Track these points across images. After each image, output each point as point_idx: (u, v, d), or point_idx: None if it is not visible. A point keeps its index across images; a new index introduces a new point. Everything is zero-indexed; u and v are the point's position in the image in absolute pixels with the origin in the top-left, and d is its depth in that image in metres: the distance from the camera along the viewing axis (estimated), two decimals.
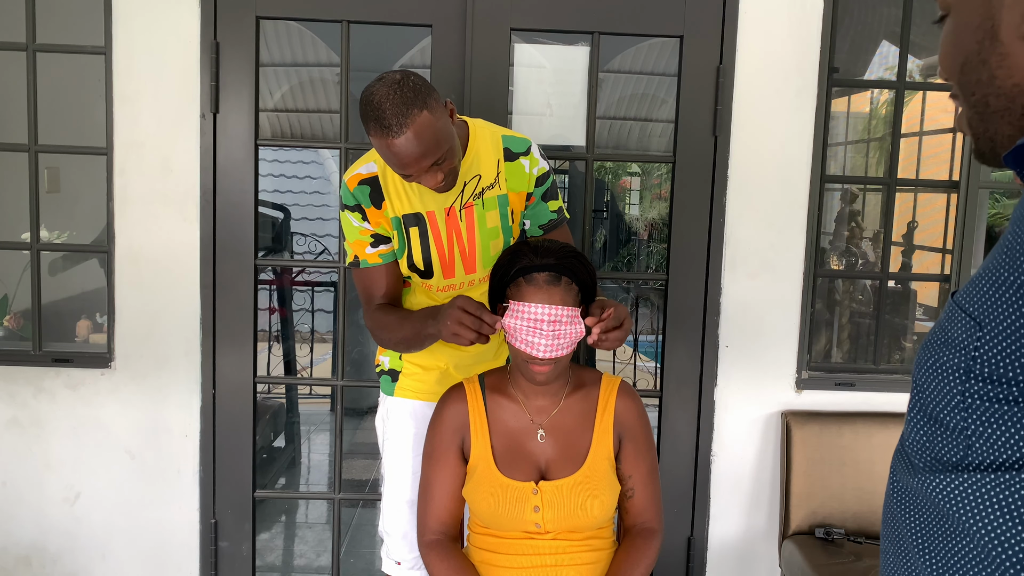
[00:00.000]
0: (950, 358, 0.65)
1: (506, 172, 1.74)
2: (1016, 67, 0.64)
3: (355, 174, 1.73)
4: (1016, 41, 0.64)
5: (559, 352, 1.53)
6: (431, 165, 1.53)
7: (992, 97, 0.66)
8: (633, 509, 1.68)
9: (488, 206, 1.74)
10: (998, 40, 0.65)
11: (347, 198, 1.74)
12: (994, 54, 0.65)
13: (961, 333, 0.64)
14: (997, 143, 0.68)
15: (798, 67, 2.34)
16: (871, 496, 2.36)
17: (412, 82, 1.49)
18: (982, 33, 0.66)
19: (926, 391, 0.68)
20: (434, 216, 1.73)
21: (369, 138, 1.53)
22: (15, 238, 2.48)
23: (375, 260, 1.78)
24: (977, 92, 0.68)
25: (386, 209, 1.73)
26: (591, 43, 2.34)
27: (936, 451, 0.67)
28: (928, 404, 0.67)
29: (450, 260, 1.76)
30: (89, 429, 2.39)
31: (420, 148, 1.49)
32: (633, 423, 1.66)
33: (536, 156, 1.77)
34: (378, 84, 1.50)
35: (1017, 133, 0.66)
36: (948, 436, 0.65)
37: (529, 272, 1.55)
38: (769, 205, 2.38)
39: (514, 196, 1.76)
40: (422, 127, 1.48)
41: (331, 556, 2.52)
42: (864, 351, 2.88)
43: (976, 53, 0.67)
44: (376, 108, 1.47)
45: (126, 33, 2.28)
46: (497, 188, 1.74)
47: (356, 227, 1.75)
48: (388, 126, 1.46)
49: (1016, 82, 0.64)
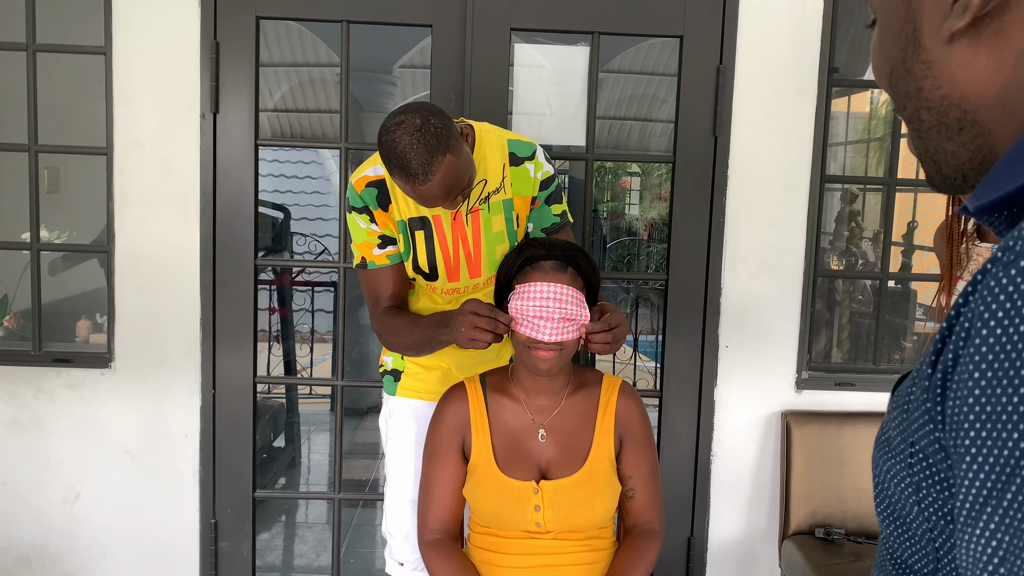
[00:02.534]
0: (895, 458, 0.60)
1: (511, 177, 1.74)
2: (942, 76, 0.57)
3: (362, 176, 1.72)
4: (939, 47, 0.56)
5: (564, 336, 1.53)
6: (453, 198, 1.56)
7: (923, 111, 0.59)
8: (634, 510, 1.68)
9: (494, 211, 1.74)
10: (920, 46, 0.58)
11: (354, 200, 1.73)
12: (918, 62, 0.58)
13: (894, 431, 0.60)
14: (940, 163, 0.60)
15: (798, 67, 2.34)
16: (871, 496, 2.35)
17: (433, 126, 1.47)
18: (904, 39, 0.59)
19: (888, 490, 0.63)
20: (440, 220, 1.73)
21: (392, 177, 1.54)
22: (15, 238, 2.48)
23: (383, 261, 1.77)
24: (908, 106, 0.60)
25: (393, 212, 1.73)
26: (591, 43, 2.34)
27: (908, 561, 0.62)
28: (893, 505, 0.62)
29: (455, 263, 1.76)
30: (89, 429, 2.39)
31: (445, 189, 1.51)
32: (634, 424, 1.66)
33: (541, 160, 1.77)
34: (399, 131, 1.47)
35: (960, 149, 0.58)
36: (917, 544, 0.60)
37: (537, 260, 1.56)
38: (769, 205, 2.38)
39: (519, 200, 1.77)
40: (447, 171, 1.49)
41: (331, 556, 2.52)
42: (864, 351, 2.88)
43: (901, 62, 0.60)
44: (400, 157, 1.46)
45: (126, 33, 2.28)
46: (502, 193, 1.74)
47: (363, 228, 1.75)
48: (415, 175, 1.47)
49: (944, 93, 0.57)
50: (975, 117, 0.56)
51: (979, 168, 0.58)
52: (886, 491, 0.62)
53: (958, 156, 0.58)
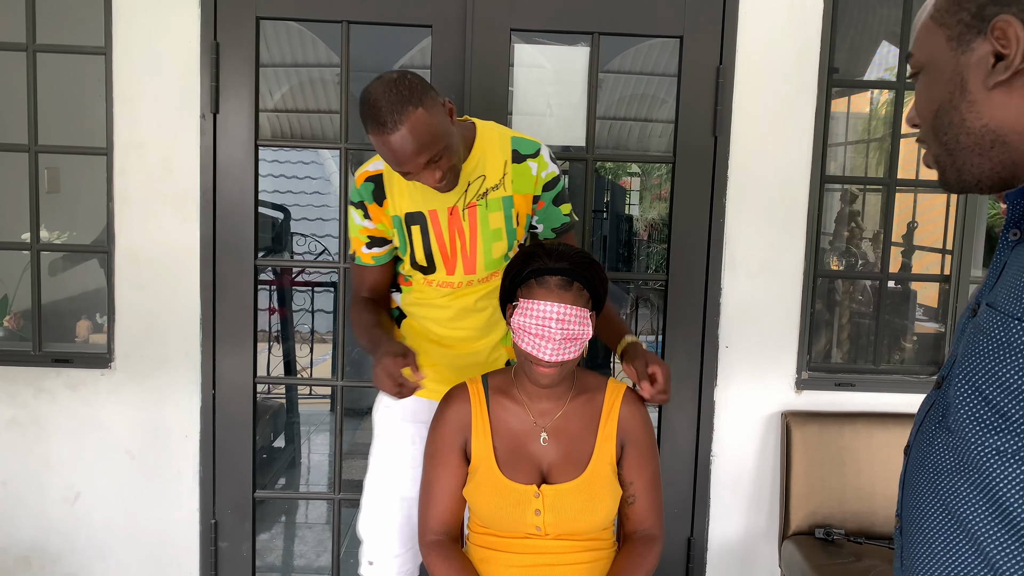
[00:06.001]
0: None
1: (512, 174, 1.75)
2: (984, 111, 0.82)
3: (364, 171, 1.77)
4: (983, 91, 0.81)
5: (565, 356, 1.53)
6: (427, 162, 1.55)
7: (963, 135, 0.83)
8: (634, 516, 1.67)
9: (492, 207, 1.75)
10: (967, 91, 0.82)
11: (354, 194, 1.79)
12: (964, 102, 0.83)
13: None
14: (964, 172, 0.85)
15: (798, 67, 2.34)
16: (871, 496, 2.36)
17: (409, 80, 1.52)
18: (953, 86, 0.83)
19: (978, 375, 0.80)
20: (436, 215, 1.74)
21: (368, 137, 1.55)
22: (15, 238, 2.48)
23: (367, 260, 1.85)
24: (949, 133, 0.84)
25: (387, 207, 1.76)
26: (591, 43, 2.34)
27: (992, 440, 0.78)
28: (984, 389, 0.79)
29: (452, 257, 1.78)
30: (89, 429, 2.39)
31: (415, 144, 1.51)
32: (637, 430, 1.66)
33: (546, 159, 1.79)
34: (375, 83, 1.53)
35: (986, 162, 0.83)
36: (1006, 426, 0.76)
37: (542, 274, 1.54)
38: (769, 205, 2.38)
39: (519, 198, 1.77)
40: (417, 123, 1.50)
41: (331, 556, 2.52)
42: (864, 351, 2.88)
43: (948, 101, 0.84)
44: (372, 106, 1.50)
45: (126, 33, 2.28)
46: (502, 189, 1.75)
47: (357, 224, 1.81)
48: (383, 123, 1.49)
49: (984, 123, 0.82)
50: (1005, 139, 0.81)
51: (992, 178, 0.84)
52: (979, 389, 0.79)
53: (982, 167, 0.83)
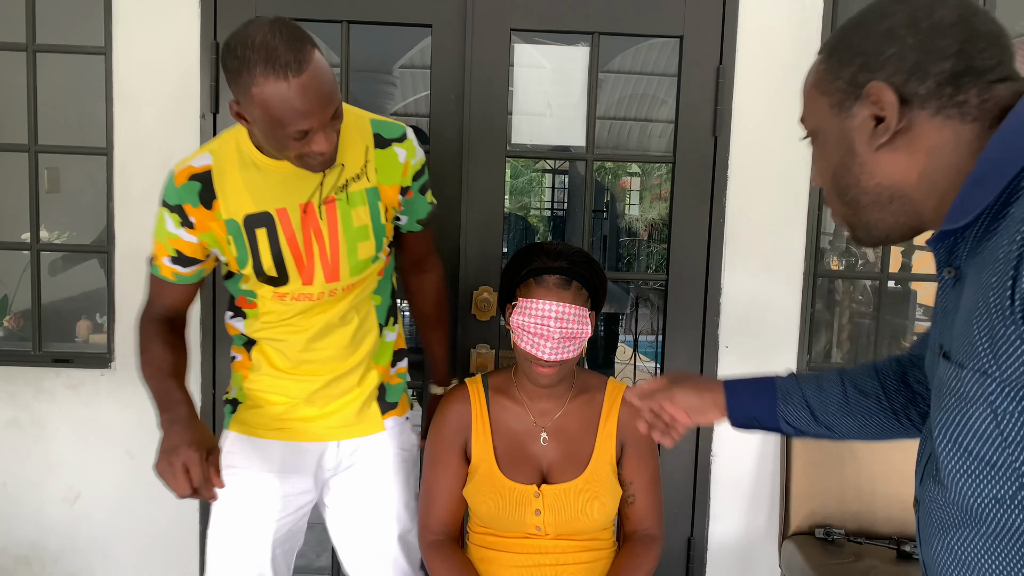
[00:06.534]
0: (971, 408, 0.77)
1: (376, 161, 1.51)
2: (875, 171, 0.86)
3: (187, 167, 1.49)
4: (870, 152, 0.85)
5: (564, 355, 1.53)
6: (332, 116, 1.32)
7: (861, 195, 0.88)
8: (634, 516, 1.68)
9: (354, 201, 1.50)
10: (856, 153, 0.87)
11: (169, 195, 1.49)
12: (855, 164, 0.87)
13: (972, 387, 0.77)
14: (871, 228, 0.90)
15: (798, 67, 2.32)
16: (871, 496, 2.36)
17: (289, 23, 1.29)
18: (843, 150, 0.88)
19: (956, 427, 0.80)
20: (286, 214, 1.47)
21: (250, 91, 1.27)
22: (15, 238, 2.48)
23: (167, 275, 1.56)
24: (849, 193, 0.89)
25: (218, 210, 1.48)
26: (591, 43, 2.34)
27: (985, 491, 0.78)
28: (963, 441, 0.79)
29: (309, 263, 1.51)
30: (89, 429, 2.39)
31: (326, 88, 1.28)
32: (636, 430, 1.66)
33: (414, 144, 1.56)
34: (251, 27, 1.27)
35: (888, 217, 0.87)
36: (993, 474, 0.77)
37: (540, 274, 1.55)
38: (769, 205, 2.38)
39: (386, 189, 1.53)
40: (320, 65, 1.28)
41: (331, 556, 2.52)
42: (864, 351, 2.88)
43: (841, 164, 0.89)
44: (263, 47, 1.23)
45: (126, 33, 2.28)
46: (364, 180, 1.50)
47: (167, 231, 1.51)
48: (286, 63, 1.23)
49: (877, 182, 0.86)
50: (902, 193, 0.85)
51: (900, 229, 0.88)
52: (957, 442, 0.79)
53: (886, 221, 0.88)
